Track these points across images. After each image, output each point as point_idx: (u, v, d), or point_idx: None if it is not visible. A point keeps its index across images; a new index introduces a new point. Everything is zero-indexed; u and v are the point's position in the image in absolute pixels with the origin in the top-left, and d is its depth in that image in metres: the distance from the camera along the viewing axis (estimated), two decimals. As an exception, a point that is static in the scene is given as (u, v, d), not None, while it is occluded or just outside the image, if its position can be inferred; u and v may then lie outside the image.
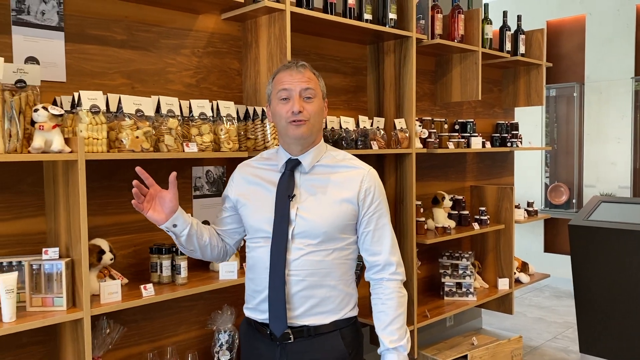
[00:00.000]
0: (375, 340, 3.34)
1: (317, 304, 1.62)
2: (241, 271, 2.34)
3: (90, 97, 1.86)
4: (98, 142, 1.87)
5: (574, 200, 6.00)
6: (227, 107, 2.28)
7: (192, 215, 2.44)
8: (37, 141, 1.75)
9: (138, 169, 1.59)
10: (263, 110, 2.40)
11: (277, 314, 1.61)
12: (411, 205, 3.06)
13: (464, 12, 3.43)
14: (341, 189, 1.65)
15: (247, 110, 2.44)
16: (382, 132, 2.96)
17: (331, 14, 2.68)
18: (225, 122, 2.25)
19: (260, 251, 1.65)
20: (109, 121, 1.92)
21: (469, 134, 3.60)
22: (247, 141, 2.42)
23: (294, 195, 1.64)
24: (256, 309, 1.68)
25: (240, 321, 2.46)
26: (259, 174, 1.72)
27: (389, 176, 3.17)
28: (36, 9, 2.00)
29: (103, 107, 1.88)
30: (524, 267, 4.19)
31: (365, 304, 3.25)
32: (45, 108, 1.76)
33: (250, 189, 1.72)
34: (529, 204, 4.29)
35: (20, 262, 1.88)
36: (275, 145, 2.40)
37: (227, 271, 2.27)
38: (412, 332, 3.13)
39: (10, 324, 1.71)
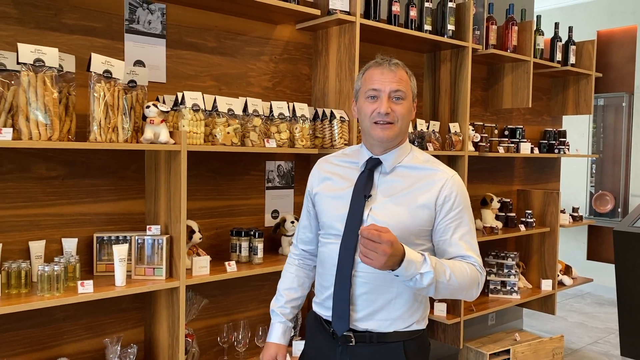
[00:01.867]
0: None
1: (380, 309, 1.56)
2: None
3: (192, 97, 2.15)
4: (197, 136, 2.16)
5: (619, 209, 6.04)
6: (302, 109, 2.55)
7: (264, 204, 2.73)
8: (148, 133, 2.05)
9: None
10: (332, 112, 2.65)
11: (340, 313, 1.58)
12: (462, 204, 3.26)
13: (518, 24, 3.61)
14: (420, 192, 1.57)
15: (316, 111, 2.70)
16: (437, 134, 3.17)
17: (395, 25, 2.92)
18: (300, 121, 2.52)
19: (330, 247, 1.62)
20: (205, 118, 2.21)
21: (518, 140, 3.77)
22: (315, 139, 2.69)
23: (370, 195, 1.58)
24: (322, 304, 1.67)
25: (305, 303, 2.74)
26: (336, 171, 1.69)
27: (441, 177, 3.38)
28: (144, 19, 2.31)
29: (202, 106, 2.17)
30: (567, 270, 4.32)
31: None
32: (155, 105, 2.06)
33: (328, 185, 1.68)
34: (574, 210, 4.42)
35: (126, 237, 2.19)
36: (342, 144, 2.65)
37: (296, 255, 2.53)
38: (458, 324, 3.33)
39: (121, 288, 2.02)
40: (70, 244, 2.11)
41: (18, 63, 1.77)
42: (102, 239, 2.18)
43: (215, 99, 2.25)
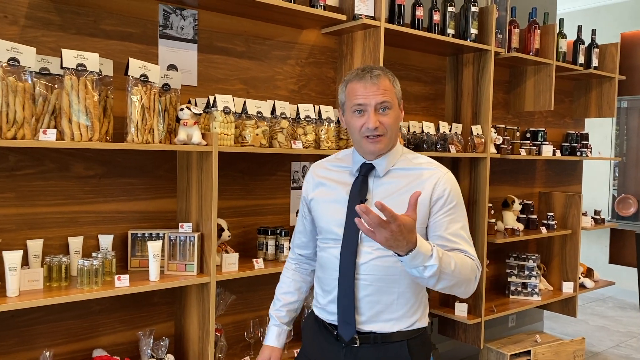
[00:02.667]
0: (444, 331, 3.60)
1: (384, 310, 1.58)
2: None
3: (223, 100, 2.23)
4: (227, 138, 2.24)
5: (642, 213, 5.99)
6: (327, 111, 2.62)
7: (289, 203, 2.80)
8: (181, 134, 2.14)
9: None
10: (356, 114, 2.72)
11: (347, 319, 1.60)
12: (484, 206, 3.30)
13: (540, 27, 3.64)
14: (415, 191, 1.54)
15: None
16: (460, 137, 3.22)
17: (418, 29, 2.98)
18: (325, 123, 2.59)
19: (330, 252, 1.63)
20: (235, 120, 2.29)
21: (539, 142, 3.79)
22: (340, 141, 2.75)
23: (367, 199, 1.60)
24: (324, 309, 1.67)
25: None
26: (330, 176, 1.70)
27: (464, 178, 3.42)
28: (177, 25, 2.40)
29: (233, 109, 2.25)
30: (589, 272, 4.32)
31: (436, 297, 3.50)
32: (188, 107, 2.14)
33: (323, 190, 1.70)
34: (596, 212, 4.41)
35: (159, 234, 2.28)
36: (367, 145, 2.71)
37: (321, 253, 2.60)
38: (478, 324, 3.37)
39: (155, 282, 2.11)
40: (106, 240, 2.20)
41: (62, 68, 1.87)
42: (136, 236, 2.27)
43: (244, 102, 2.33)
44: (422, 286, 1.62)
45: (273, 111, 2.44)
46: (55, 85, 1.93)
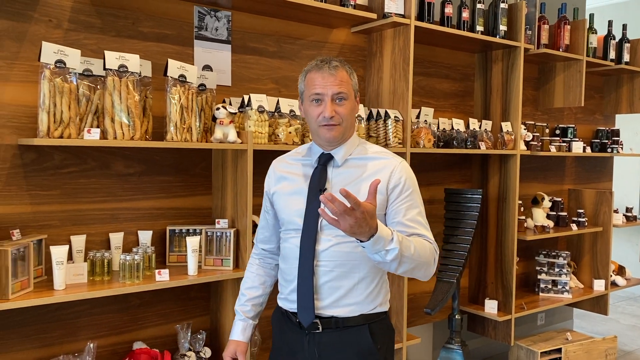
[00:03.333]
0: (474, 328, 3.60)
1: (345, 295, 1.62)
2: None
3: (257, 99, 2.28)
4: (261, 136, 2.29)
5: (675, 210, 5.88)
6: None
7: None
8: (218, 133, 2.19)
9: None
10: (386, 112, 2.74)
11: (305, 304, 1.63)
12: (514, 203, 3.29)
13: (570, 23, 3.61)
14: (372, 179, 1.57)
15: (370, 111, 2.80)
16: (490, 133, 3.22)
17: (447, 26, 2.99)
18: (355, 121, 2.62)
19: (292, 242, 1.67)
20: (268, 119, 2.34)
21: (569, 139, 3.76)
22: (370, 138, 2.78)
23: (326, 189, 1.65)
24: (287, 298, 1.71)
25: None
26: (292, 170, 1.74)
27: (493, 175, 3.41)
28: (212, 26, 2.46)
29: (267, 108, 2.30)
30: (620, 270, 4.26)
31: (466, 294, 3.50)
32: (224, 107, 2.20)
33: (284, 184, 1.74)
34: (628, 209, 4.35)
35: (195, 229, 2.34)
36: (396, 143, 2.74)
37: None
38: (508, 321, 3.36)
39: (194, 277, 2.16)
40: (145, 236, 2.27)
41: (105, 69, 1.94)
42: (173, 232, 2.33)
43: (277, 101, 2.38)
44: (382, 271, 1.68)
45: (305, 109, 2.47)
46: (98, 86, 1.99)
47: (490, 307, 3.35)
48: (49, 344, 2.12)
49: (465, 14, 3.07)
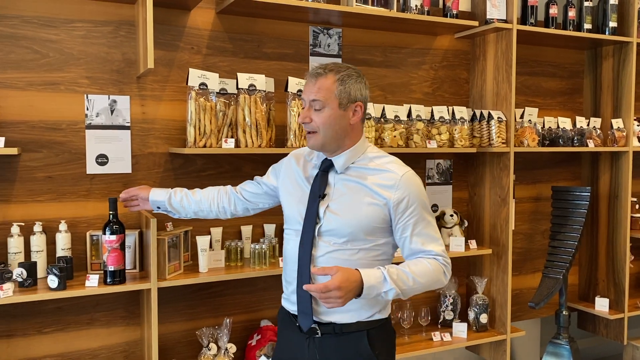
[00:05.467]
0: (584, 325, 3.59)
1: None
2: (466, 246, 2.87)
3: (365, 107, 2.54)
4: (368, 140, 2.54)
5: None
6: (461, 111, 2.81)
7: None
8: (330, 139, 2.48)
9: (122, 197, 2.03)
10: (489, 113, 2.87)
11: (304, 309, 1.67)
12: (626, 201, 3.24)
13: (692, 12, 3.44)
14: (371, 191, 1.64)
15: (474, 112, 2.94)
16: (599, 131, 3.20)
17: (552, 26, 3.03)
18: (459, 123, 2.78)
19: (291, 244, 1.72)
20: (375, 124, 2.59)
21: (692, 133, 3.58)
22: (473, 139, 2.92)
23: (325, 194, 1.66)
24: (288, 299, 1.76)
25: (461, 289, 2.98)
26: (302, 168, 1.79)
27: (604, 172, 3.38)
28: (325, 43, 2.75)
29: (373, 114, 2.55)
30: None
31: (575, 291, 3.50)
32: (336, 115, 2.48)
33: (294, 180, 1.78)
34: None
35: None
36: (500, 143, 2.86)
37: (456, 244, 2.81)
38: (621, 320, 3.32)
39: (311, 265, 2.48)
40: (270, 229, 2.62)
41: (237, 88, 2.31)
42: (293, 226, 2.67)
43: (383, 108, 2.62)
44: None
45: (409, 114, 2.69)
46: (232, 102, 2.37)
47: (601, 304, 3.33)
48: (194, 318, 2.55)
49: (572, 13, 3.09)
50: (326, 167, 1.71)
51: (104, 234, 2.08)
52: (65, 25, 2.25)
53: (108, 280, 2.09)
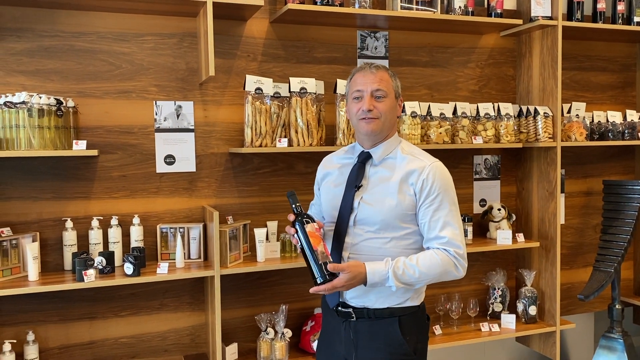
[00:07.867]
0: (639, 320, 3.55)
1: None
2: (514, 239, 2.93)
3: (411, 106, 2.66)
4: (414, 137, 2.66)
5: None
6: (506, 108, 2.88)
7: (472, 193, 3.11)
8: (378, 137, 2.61)
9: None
10: (535, 109, 2.92)
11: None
12: (681, 193, 3.20)
13: None
14: (402, 179, 1.74)
15: (520, 108, 3.00)
16: (651, 124, 3.18)
17: (600, 21, 3.04)
18: (504, 119, 2.85)
19: (330, 234, 1.84)
20: (420, 122, 2.71)
21: None
22: (520, 134, 2.98)
23: (361, 185, 1.78)
24: None
25: (510, 282, 3.05)
26: (337, 166, 1.92)
27: (657, 166, 3.35)
28: (372, 46, 2.89)
29: (419, 112, 2.67)
30: None
31: (630, 286, 3.47)
32: (383, 114, 2.61)
33: (329, 180, 1.92)
34: None
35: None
36: (546, 137, 2.90)
37: (503, 237, 2.88)
38: (679, 315, 3.26)
39: (360, 256, 2.62)
40: (322, 223, 2.79)
41: (290, 92, 2.49)
42: (344, 220, 2.82)
43: (429, 106, 2.73)
44: None
45: (455, 112, 2.79)
46: (284, 105, 2.55)
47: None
48: (252, 305, 2.75)
49: (621, 7, 3.09)
50: (364, 158, 1.83)
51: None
52: (135, 39, 2.50)
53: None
